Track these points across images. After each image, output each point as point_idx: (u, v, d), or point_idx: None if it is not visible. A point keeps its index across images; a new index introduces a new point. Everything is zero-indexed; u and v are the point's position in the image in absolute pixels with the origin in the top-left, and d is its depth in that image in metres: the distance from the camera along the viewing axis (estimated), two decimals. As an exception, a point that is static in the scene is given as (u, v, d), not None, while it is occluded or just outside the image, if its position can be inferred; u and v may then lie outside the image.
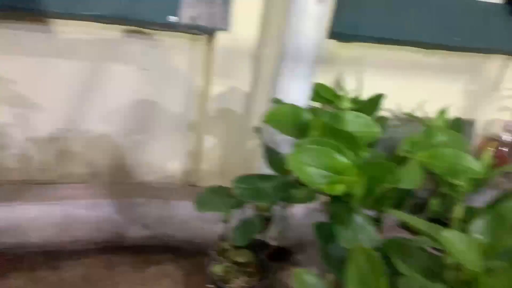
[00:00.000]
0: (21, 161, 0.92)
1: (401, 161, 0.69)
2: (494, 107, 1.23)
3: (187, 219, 0.92)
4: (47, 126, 0.90)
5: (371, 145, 0.81)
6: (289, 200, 0.78)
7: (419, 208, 1.04)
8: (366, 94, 0.88)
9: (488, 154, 0.72)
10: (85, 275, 0.83)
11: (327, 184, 0.58)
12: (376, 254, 0.47)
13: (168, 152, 1.01)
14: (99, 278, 0.83)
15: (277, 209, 0.93)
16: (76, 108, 0.90)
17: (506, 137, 1.19)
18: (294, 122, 0.68)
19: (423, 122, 1.01)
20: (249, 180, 0.75)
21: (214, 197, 0.73)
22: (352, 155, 0.61)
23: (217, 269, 0.77)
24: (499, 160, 1.21)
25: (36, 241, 0.85)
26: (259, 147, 0.81)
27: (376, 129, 0.70)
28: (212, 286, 0.77)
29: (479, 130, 1.26)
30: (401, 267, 0.52)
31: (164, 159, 1.01)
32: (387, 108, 1.12)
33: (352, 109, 0.90)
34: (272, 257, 0.93)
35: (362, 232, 0.63)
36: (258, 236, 0.95)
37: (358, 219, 0.64)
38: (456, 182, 0.66)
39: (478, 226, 0.49)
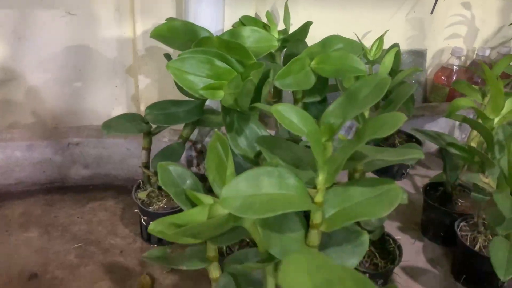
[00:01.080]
0: (-35, 113, 0.96)
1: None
2: (444, 35, 1.22)
3: (125, 157, 0.96)
4: (-15, 76, 0.94)
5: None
6: (205, 124, 0.80)
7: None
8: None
9: (389, 59, 0.72)
10: (26, 211, 0.88)
11: (207, 89, 0.60)
12: (227, 139, 0.49)
13: (111, 98, 1.04)
14: (38, 213, 0.87)
15: (209, 140, 0.95)
16: (11, 57, 0.93)
17: (456, 63, 1.18)
18: (188, 39, 0.70)
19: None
20: (162, 105, 0.77)
21: (124, 122, 0.75)
22: (236, 63, 0.62)
23: (141, 195, 0.80)
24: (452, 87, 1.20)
25: (-19, 184, 0.90)
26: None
27: (273, 43, 0.71)
28: (137, 210, 0.80)
29: (432, 60, 1.25)
30: (268, 156, 0.54)
31: (107, 105, 1.04)
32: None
33: (282, 39, 0.91)
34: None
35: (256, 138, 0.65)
36: (195, 170, 0.98)
37: (252, 126, 0.66)
38: (345, 83, 0.67)
39: (332, 108, 0.51)
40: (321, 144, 0.46)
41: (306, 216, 0.52)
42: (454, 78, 1.20)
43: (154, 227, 0.45)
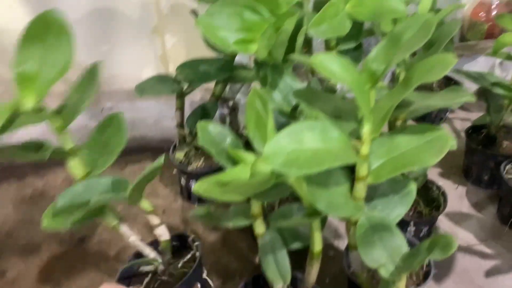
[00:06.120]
0: None
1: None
2: (482, -34, 1.13)
3: (158, 119, 0.96)
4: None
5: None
6: (235, 80, 0.78)
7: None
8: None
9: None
10: (67, 177, 0.90)
11: (239, 43, 0.58)
12: (266, 94, 0.48)
13: (139, 60, 1.03)
14: (80, 179, 0.89)
15: (241, 98, 0.94)
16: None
17: (496, -2, 1.10)
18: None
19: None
20: (192, 64, 0.76)
21: (156, 83, 0.74)
22: (267, 13, 0.59)
23: (179, 155, 0.81)
24: (491, 23, 1.14)
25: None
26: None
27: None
28: (175, 170, 0.81)
29: (470, -5, 1.17)
30: (307, 109, 0.53)
31: (136, 67, 1.03)
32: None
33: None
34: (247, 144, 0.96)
35: (291, 92, 0.64)
36: (228, 127, 0.98)
37: (286, 79, 0.64)
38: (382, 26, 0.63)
39: (374, 53, 0.48)
40: (365, 93, 0.44)
41: (350, 167, 0.50)
42: (494, 13, 1.12)
43: (198, 187, 0.44)
